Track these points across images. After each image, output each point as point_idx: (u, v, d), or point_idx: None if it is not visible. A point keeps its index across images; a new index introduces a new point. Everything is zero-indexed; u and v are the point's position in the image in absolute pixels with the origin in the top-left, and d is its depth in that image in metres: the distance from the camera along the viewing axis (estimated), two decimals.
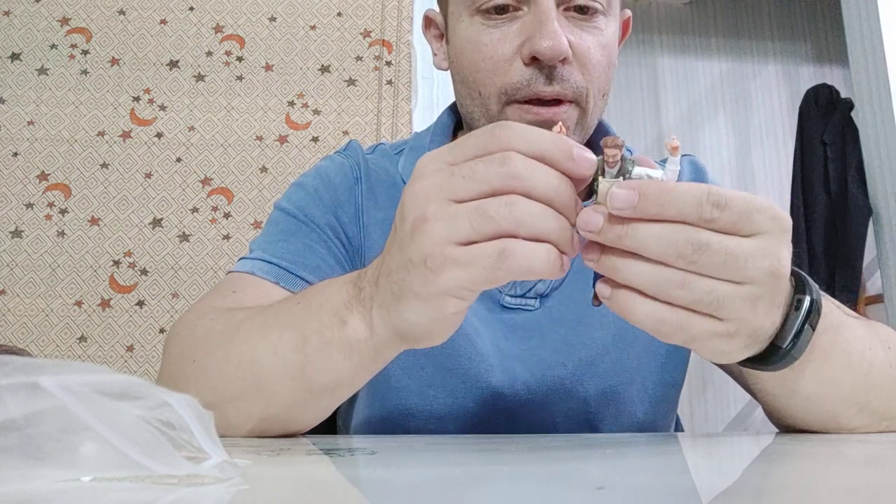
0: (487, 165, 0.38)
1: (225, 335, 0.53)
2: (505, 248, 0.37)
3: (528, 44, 0.60)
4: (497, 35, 0.63)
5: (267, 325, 0.51)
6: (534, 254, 0.37)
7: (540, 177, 0.37)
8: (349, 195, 0.72)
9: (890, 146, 2.32)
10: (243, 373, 0.50)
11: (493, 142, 0.38)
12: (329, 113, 1.95)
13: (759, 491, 0.32)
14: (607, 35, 0.64)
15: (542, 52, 0.59)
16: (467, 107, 0.68)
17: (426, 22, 0.74)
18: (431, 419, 0.67)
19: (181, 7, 1.99)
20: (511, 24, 0.62)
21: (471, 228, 0.37)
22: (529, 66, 0.61)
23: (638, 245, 0.38)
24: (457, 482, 0.32)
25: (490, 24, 0.63)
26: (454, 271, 0.38)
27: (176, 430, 0.28)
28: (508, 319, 0.68)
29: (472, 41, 0.64)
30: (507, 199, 0.37)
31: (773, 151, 3.72)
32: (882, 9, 2.36)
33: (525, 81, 0.61)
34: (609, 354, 0.68)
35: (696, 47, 3.83)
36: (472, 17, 0.64)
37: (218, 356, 0.52)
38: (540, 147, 0.38)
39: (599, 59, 0.63)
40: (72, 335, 1.77)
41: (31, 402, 0.25)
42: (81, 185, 1.86)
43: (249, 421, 0.50)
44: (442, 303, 0.40)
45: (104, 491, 0.26)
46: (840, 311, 0.52)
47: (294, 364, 0.48)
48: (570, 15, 0.62)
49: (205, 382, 0.52)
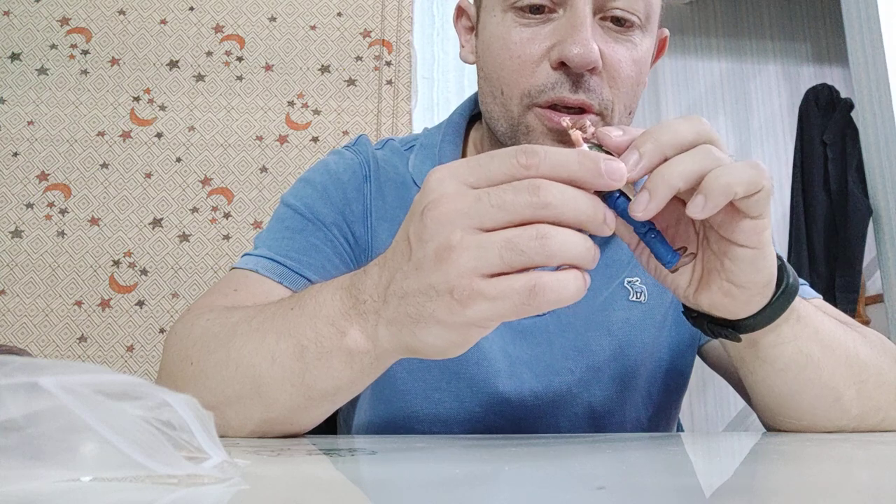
0: (517, 195, 0.37)
1: (222, 337, 0.53)
2: (536, 285, 0.36)
3: (558, 48, 0.58)
4: (527, 34, 0.60)
5: (263, 330, 0.50)
6: (564, 286, 0.37)
7: (570, 203, 0.37)
8: (357, 194, 0.70)
9: (890, 146, 2.32)
10: (242, 376, 0.50)
11: (519, 170, 0.37)
12: (329, 113, 1.95)
13: (760, 490, 0.32)
14: (641, 50, 0.62)
15: (572, 59, 0.57)
16: (487, 105, 0.66)
17: (458, 12, 0.72)
18: (437, 423, 0.66)
19: (181, 7, 1.99)
20: (544, 26, 0.60)
21: (501, 261, 0.36)
22: (557, 70, 0.59)
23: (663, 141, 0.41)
24: (457, 482, 0.32)
25: (522, 23, 0.61)
26: (482, 304, 0.37)
27: (176, 430, 0.28)
28: (516, 324, 0.67)
29: (501, 38, 0.62)
30: (537, 233, 0.36)
31: (773, 151, 3.72)
32: (882, 9, 2.36)
33: (550, 85, 0.59)
34: (616, 360, 0.68)
35: (696, 47, 3.83)
36: (506, 12, 0.62)
37: (216, 358, 0.52)
38: (568, 170, 0.37)
39: (629, 73, 0.61)
40: (72, 335, 1.77)
41: (31, 402, 0.25)
42: (81, 185, 1.86)
43: (249, 423, 0.50)
44: (466, 332, 0.40)
45: (104, 491, 0.26)
46: None
47: (293, 372, 0.48)
48: (605, 25, 0.60)
49: (204, 384, 0.52)
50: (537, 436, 0.59)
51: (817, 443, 0.50)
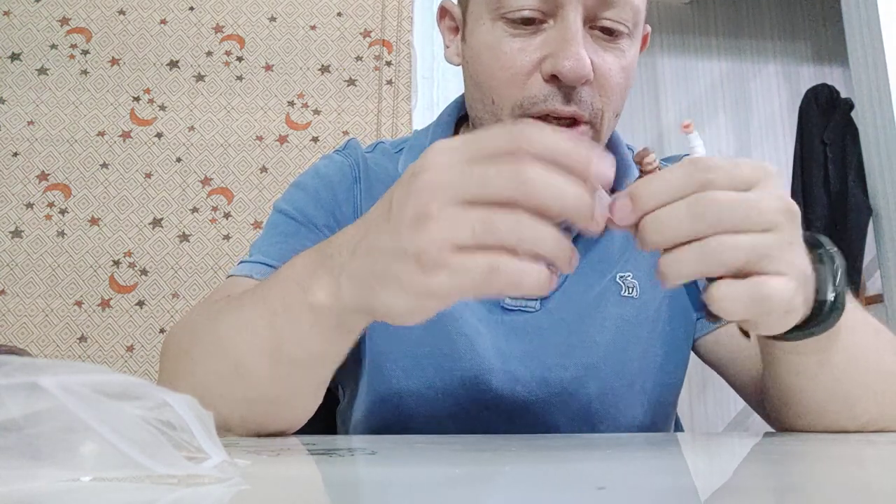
0: (500, 173, 0.37)
1: (209, 323, 0.54)
2: (498, 267, 0.37)
3: (551, 61, 0.58)
4: (518, 45, 0.60)
5: (242, 304, 0.51)
6: (523, 274, 0.37)
7: (553, 186, 0.37)
8: (348, 195, 0.72)
9: (890, 146, 2.32)
10: (223, 354, 0.51)
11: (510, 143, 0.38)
12: (329, 113, 1.95)
13: (759, 491, 0.32)
14: (629, 57, 0.62)
15: (565, 74, 0.57)
16: (477, 111, 0.66)
17: (441, 12, 0.72)
18: (431, 421, 0.66)
19: (181, 7, 1.99)
20: (534, 37, 0.60)
21: (472, 235, 0.37)
22: (548, 83, 0.59)
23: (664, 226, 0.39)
24: (457, 482, 0.32)
25: (513, 33, 0.60)
26: (443, 276, 0.37)
27: (176, 430, 0.28)
28: (509, 321, 0.68)
29: (491, 47, 0.61)
30: (515, 217, 0.37)
31: (773, 151, 3.72)
32: (882, 9, 2.36)
33: (542, 97, 0.59)
34: (610, 356, 0.68)
35: (696, 47, 3.83)
36: (495, 21, 0.61)
37: (204, 343, 0.53)
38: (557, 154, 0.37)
39: (619, 81, 0.61)
40: (72, 335, 1.77)
41: (31, 402, 0.25)
42: (81, 185, 1.86)
43: (236, 409, 0.51)
44: (425, 301, 0.40)
45: (104, 491, 0.26)
46: None
47: (265, 338, 0.48)
48: (594, 34, 0.60)
49: (194, 371, 0.53)
50: (537, 436, 0.59)
51: (818, 443, 0.50)
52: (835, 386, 0.53)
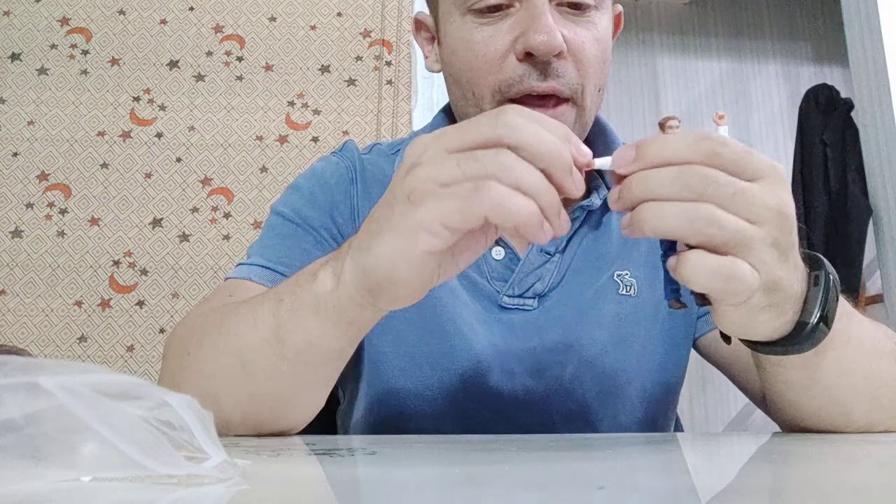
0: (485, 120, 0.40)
1: (216, 323, 0.54)
2: (482, 187, 0.38)
3: (522, 39, 0.60)
4: (489, 32, 0.62)
5: (254, 302, 0.52)
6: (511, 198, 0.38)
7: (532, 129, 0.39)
8: (345, 196, 0.72)
9: (890, 146, 2.32)
10: (229, 350, 0.51)
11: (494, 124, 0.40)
12: (329, 113, 1.95)
13: (759, 491, 0.32)
14: (601, 29, 0.63)
15: (537, 47, 0.59)
16: (461, 108, 0.67)
17: (416, 25, 0.74)
18: (429, 420, 0.67)
19: (181, 7, 1.99)
20: (503, 22, 0.62)
21: (458, 169, 0.39)
22: (523, 62, 0.61)
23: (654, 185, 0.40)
24: (457, 482, 0.32)
25: (482, 22, 0.62)
26: (432, 203, 0.39)
27: (176, 430, 0.28)
28: (506, 319, 0.68)
29: (465, 40, 0.63)
30: (497, 150, 0.39)
31: (773, 151, 3.72)
32: (882, 9, 2.36)
33: (518, 77, 0.61)
34: (608, 355, 0.68)
35: (696, 47, 3.84)
36: (464, 16, 0.63)
37: (209, 342, 0.53)
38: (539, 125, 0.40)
39: (594, 53, 0.62)
40: (72, 335, 1.77)
41: (31, 402, 0.25)
42: (81, 185, 1.86)
43: (239, 404, 0.51)
44: (414, 236, 0.40)
45: (104, 491, 0.26)
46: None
47: (269, 328, 0.49)
48: (562, 10, 0.62)
49: (198, 370, 0.53)
50: (537, 435, 0.59)
51: (818, 443, 0.50)
52: (827, 395, 0.53)
